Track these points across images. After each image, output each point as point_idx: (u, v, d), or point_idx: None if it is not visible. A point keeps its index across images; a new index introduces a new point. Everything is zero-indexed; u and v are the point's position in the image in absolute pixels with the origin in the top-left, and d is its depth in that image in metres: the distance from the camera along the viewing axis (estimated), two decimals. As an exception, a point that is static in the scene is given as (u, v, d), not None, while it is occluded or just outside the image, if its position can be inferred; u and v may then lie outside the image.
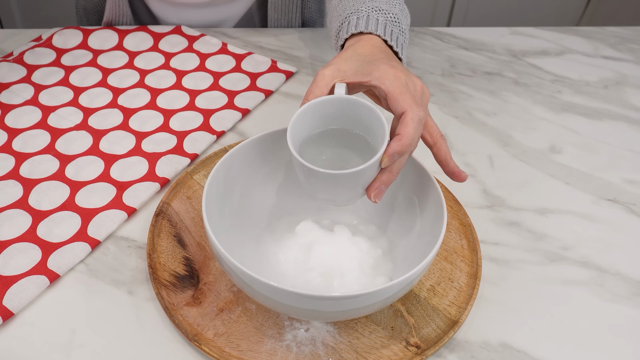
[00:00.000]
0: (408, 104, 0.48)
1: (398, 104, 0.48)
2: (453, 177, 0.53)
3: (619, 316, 0.56)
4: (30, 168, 0.66)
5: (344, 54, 0.54)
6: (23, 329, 0.52)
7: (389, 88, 0.49)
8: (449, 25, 2.02)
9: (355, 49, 0.55)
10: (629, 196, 0.69)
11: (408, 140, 0.47)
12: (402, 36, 0.60)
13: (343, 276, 0.52)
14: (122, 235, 0.60)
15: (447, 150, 0.52)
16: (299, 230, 0.55)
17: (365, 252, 0.54)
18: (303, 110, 0.50)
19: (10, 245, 0.57)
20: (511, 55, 0.92)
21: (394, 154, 0.47)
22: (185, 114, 0.75)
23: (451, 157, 0.52)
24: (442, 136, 0.52)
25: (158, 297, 0.53)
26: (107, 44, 0.85)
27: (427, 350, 0.51)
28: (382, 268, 0.54)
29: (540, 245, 0.63)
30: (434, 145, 0.52)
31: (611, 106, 0.83)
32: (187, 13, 0.92)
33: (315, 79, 0.52)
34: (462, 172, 0.52)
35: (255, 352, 0.50)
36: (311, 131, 0.52)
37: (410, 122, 0.47)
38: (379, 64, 0.51)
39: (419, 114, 0.48)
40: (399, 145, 0.47)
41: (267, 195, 0.59)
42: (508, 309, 0.56)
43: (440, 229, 0.50)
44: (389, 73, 0.50)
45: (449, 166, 0.52)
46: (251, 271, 0.45)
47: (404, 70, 0.51)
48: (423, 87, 0.52)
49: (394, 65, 0.51)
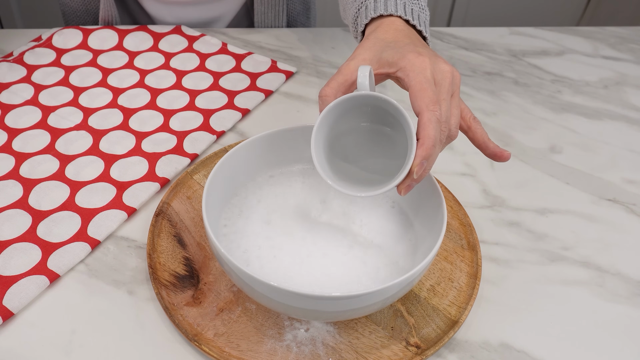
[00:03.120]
0: (425, 104, 0.46)
1: (416, 102, 0.47)
2: (495, 158, 0.51)
3: (619, 316, 0.56)
4: (30, 168, 0.66)
5: (366, 43, 0.53)
6: (23, 329, 0.52)
7: (412, 82, 0.48)
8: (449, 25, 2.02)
9: (377, 36, 0.53)
10: (629, 196, 0.69)
11: (430, 143, 0.46)
12: (423, 13, 0.57)
13: (343, 276, 0.52)
14: (122, 235, 0.60)
15: (483, 133, 0.51)
16: (299, 230, 0.55)
17: (365, 253, 0.54)
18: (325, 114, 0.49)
19: (10, 245, 0.57)
20: (511, 55, 0.92)
21: (422, 160, 0.46)
22: (185, 114, 0.75)
23: (489, 139, 0.51)
24: (475, 119, 0.51)
25: (158, 297, 0.53)
26: (107, 44, 0.85)
27: (427, 350, 0.51)
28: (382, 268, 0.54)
29: (540, 245, 0.63)
30: (469, 129, 0.51)
31: (611, 106, 0.83)
32: (181, 11, 0.92)
33: (340, 70, 0.50)
34: (505, 151, 0.51)
35: (255, 352, 0.50)
36: (336, 130, 0.52)
37: (428, 123, 0.46)
38: (405, 52, 0.49)
39: (436, 113, 0.46)
40: (422, 151, 0.46)
41: (267, 195, 0.59)
42: (508, 309, 0.56)
43: (440, 229, 0.50)
44: (415, 64, 0.48)
45: (488, 149, 0.51)
46: (251, 271, 0.45)
47: (430, 57, 0.49)
48: (453, 72, 0.50)
49: (420, 53, 0.49)
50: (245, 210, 0.57)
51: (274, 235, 0.55)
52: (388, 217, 0.58)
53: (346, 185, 0.50)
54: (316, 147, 0.49)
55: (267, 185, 0.60)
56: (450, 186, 0.67)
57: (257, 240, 0.55)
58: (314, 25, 1.07)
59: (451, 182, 0.68)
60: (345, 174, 0.53)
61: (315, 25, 1.09)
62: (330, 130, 0.51)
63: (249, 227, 0.56)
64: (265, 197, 0.59)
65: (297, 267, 0.53)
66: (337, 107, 0.49)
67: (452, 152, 0.73)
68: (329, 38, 0.92)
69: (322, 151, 0.51)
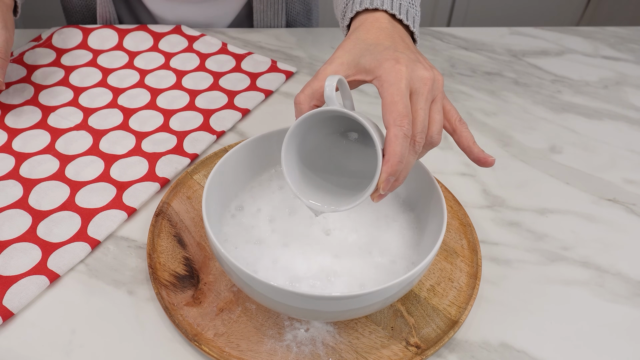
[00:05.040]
0: (393, 118, 0.45)
1: (385, 116, 0.46)
2: (479, 163, 0.51)
3: (619, 316, 0.56)
4: (30, 168, 0.66)
5: (347, 44, 0.52)
6: (23, 329, 0.52)
7: (384, 94, 0.47)
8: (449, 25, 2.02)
9: (359, 36, 0.52)
10: (629, 196, 0.69)
11: (396, 159, 0.45)
12: (412, 9, 0.56)
13: (342, 276, 0.52)
14: (122, 235, 0.60)
15: (468, 136, 0.50)
16: (299, 229, 0.55)
17: (365, 253, 0.54)
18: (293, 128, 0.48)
19: (10, 245, 0.57)
20: (511, 55, 0.92)
21: (389, 177, 0.45)
22: (185, 114, 0.75)
23: (474, 143, 0.50)
24: (461, 121, 0.50)
25: (158, 297, 0.53)
26: (107, 44, 0.85)
27: (427, 350, 0.51)
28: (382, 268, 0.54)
29: (540, 245, 0.63)
30: (454, 132, 0.50)
31: (611, 106, 0.83)
32: (183, 9, 0.92)
33: (317, 74, 0.50)
34: (489, 156, 0.50)
35: (255, 352, 0.50)
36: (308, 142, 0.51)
37: (394, 139, 0.45)
38: (382, 60, 0.48)
39: (403, 128, 0.45)
40: (388, 167, 0.45)
41: (267, 195, 0.59)
42: (508, 309, 0.56)
43: (440, 229, 0.50)
44: (390, 74, 0.47)
45: (473, 153, 0.50)
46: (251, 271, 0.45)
47: (408, 64, 0.48)
48: (433, 77, 0.48)
49: (398, 60, 0.48)
50: (245, 210, 0.57)
51: (274, 235, 0.55)
52: (388, 217, 0.58)
53: (318, 197, 0.50)
54: (287, 161, 0.49)
55: (267, 185, 0.60)
56: (450, 186, 0.67)
57: (257, 239, 0.55)
58: (316, 26, 1.07)
59: (451, 182, 0.68)
60: (317, 185, 0.52)
61: (318, 26, 1.09)
62: (301, 143, 0.51)
63: (249, 227, 0.56)
64: (265, 197, 0.59)
65: (298, 267, 0.53)
66: (305, 121, 0.48)
67: (452, 152, 0.73)
68: (329, 38, 0.92)
69: (294, 164, 0.51)
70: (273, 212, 0.57)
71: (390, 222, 0.57)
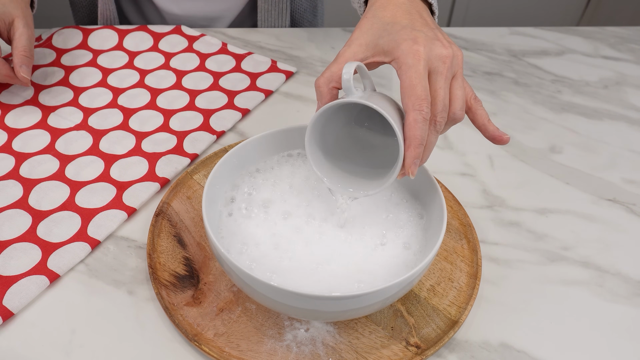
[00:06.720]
0: (411, 103, 0.46)
1: (403, 100, 0.46)
2: (494, 142, 0.51)
3: (619, 316, 0.56)
4: (30, 168, 0.66)
5: (364, 24, 0.51)
6: (23, 329, 0.52)
7: (402, 77, 0.47)
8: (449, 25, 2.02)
9: (376, 13, 0.52)
10: (629, 196, 0.69)
11: (417, 142, 0.45)
12: None
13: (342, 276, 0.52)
14: (122, 235, 0.60)
15: (483, 114, 0.50)
16: (299, 229, 0.55)
17: (364, 253, 0.54)
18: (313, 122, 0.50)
19: (10, 245, 0.57)
20: (511, 55, 0.92)
21: (414, 160, 0.46)
22: (185, 114, 0.75)
23: (489, 120, 0.50)
24: (476, 99, 0.50)
25: (158, 297, 0.53)
26: (107, 44, 0.85)
27: (427, 350, 0.51)
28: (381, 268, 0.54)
29: (540, 245, 0.63)
30: (469, 110, 0.50)
31: (611, 106, 0.83)
32: (188, 3, 0.93)
33: (336, 57, 0.50)
34: (504, 134, 0.50)
35: (255, 352, 0.50)
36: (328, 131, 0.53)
37: (414, 124, 0.45)
38: (400, 40, 0.48)
39: (422, 112, 0.45)
40: (411, 152, 0.46)
41: (267, 194, 0.59)
42: (508, 309, 0.56)
43: (440, 229, 0.50)
44: (408, 55, 0.47)
45: (488, 131, 0.50)
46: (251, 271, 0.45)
47: (426, 43, 0.47)
48: (453, 54, 0.48)
49: (416, 39, 0.47)
50: (245, 210, 0.57)
51: (274, 235, 0.55)
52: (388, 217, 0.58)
53: (342, 184, 0.53)
54: (311, 151, 0.51)
55: (267, 185, 0.60)
56: (450, 186, 0.67)
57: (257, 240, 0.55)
58: (321, 23, 1.07)
59: (451, 182, 0.68)
60: (343, 172, 0.54)
61: (323, 23, 1.09)
62: (321, 133, 0.52)
63: (249, 227, 0.56)
64: (265, 197, 0.59)
65: (298, 267, 0.53)
66: (325, 113, 0.50)
67: (452, 152, 0.73)
68: (329, 38, 0.92)
69: (320, 155, 0.52)
70: (274, 212, 0.57)
71: (390, 221, 0.57)
